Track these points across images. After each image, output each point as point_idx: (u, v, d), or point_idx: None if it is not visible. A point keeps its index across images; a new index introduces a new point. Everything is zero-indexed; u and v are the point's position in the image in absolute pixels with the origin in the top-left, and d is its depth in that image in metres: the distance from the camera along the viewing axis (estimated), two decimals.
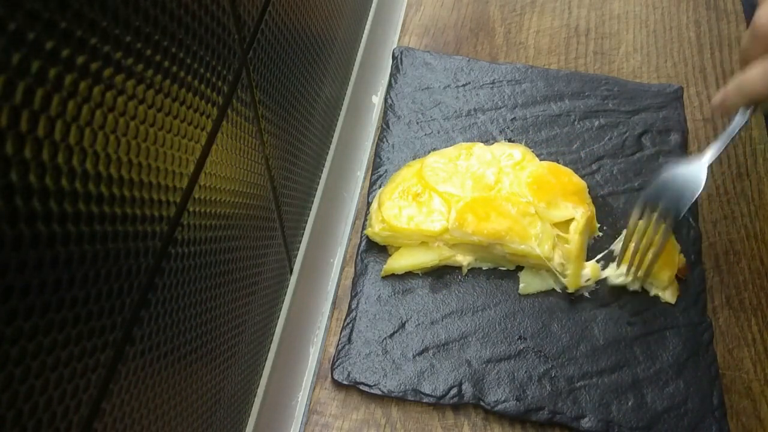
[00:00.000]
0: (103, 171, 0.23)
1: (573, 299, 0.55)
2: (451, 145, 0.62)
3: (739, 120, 0.49)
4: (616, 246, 0.57)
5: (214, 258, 0.36)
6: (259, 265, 0.45)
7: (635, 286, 0.55)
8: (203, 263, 0.34)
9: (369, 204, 0.60)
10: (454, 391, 0.51)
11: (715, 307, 0.56)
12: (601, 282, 0.56)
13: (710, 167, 0.50)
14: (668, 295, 0.55)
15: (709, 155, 0.51)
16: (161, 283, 0.29)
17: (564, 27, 0.76)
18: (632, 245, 0.54)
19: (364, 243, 0.59)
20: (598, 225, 0.58)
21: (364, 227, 0.59)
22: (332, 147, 0.62)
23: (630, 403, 0.51)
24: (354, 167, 0.68)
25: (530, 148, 0.62)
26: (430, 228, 0.55)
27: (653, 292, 0.55)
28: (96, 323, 0.24)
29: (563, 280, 0.54)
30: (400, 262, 0.56)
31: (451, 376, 0.52)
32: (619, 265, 0.55)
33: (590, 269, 0.55)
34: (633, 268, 0.54)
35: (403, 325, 0.54)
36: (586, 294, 0.56)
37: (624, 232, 0.57)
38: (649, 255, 0.53)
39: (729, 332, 0.55)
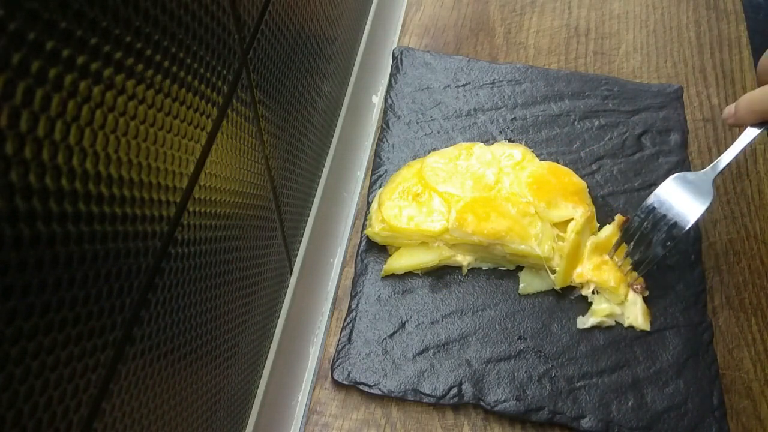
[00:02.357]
0: (103, 171, 0.23)
1: (573, 299, 0.55)
2: (451, 145, 0.62)
3: (746, 136, 0.49)
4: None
5: (214, 258, 0.36)
6: (259, 265, 0.45)
7: (614, 318, 0.54)
8: (203, 263, 0.34)
9: (369, 204, 0.60)
10: (454, 391, 0.51)
11: (715, 307, 0.56)
12: None
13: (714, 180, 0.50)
14: (641, 322, 0.53)
15: (716, 169, 0.50)
16: (161, 283, 0.29)
17: (564, 27, 0.76)
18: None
19: (364, 243, 0.59)
20: (598, 225, 0.58)
21: (364, 227, 0.59)
22: (332, 147, 0.61)
23: (630, 403, 0.50)
24: (354, 167, 0.68)
25: (530, 148, 0.62)
26: (430, 228, 0.55)
27: (627, 322, 0.54)
28: (96, 323, 0.24)
29: (552, 277, 0.54)
30: (400, 262, 0.56)
31: (451, 376, 0.52)
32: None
33: (575, 275, 0.55)
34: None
35: (403, 325, 0.54)
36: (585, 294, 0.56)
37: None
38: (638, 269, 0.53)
39: (729, 332, 0.55)
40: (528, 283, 0.56)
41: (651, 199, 0.52)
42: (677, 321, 0.54)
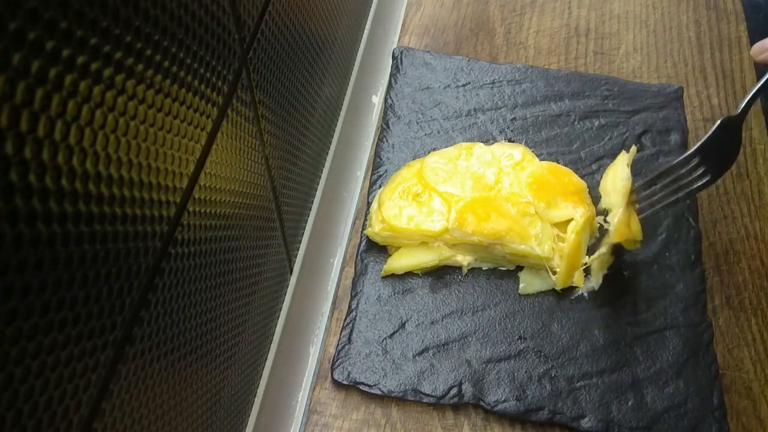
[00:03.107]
0: (103, 171, 0.23)
1: (573, 299, 0.55)
2: (451, 145, 0.62)
3: None
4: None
5: (214, 258, 0.36)
6: (259, 265, 0.45)
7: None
8: (203, 263, 0.34)
9: (369, 204, 0.60)
10: (454, 391, 0.51)
11: (715, 307, 0.56)
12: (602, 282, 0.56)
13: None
14: (636, 230, 0.53)
15: (745, 112, 0.51)
16: (161, 283, 0.29)
17: (564, 27, 0.76)
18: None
19: (364, 243, 0.59)
20: (598, 225, 0.58)
21: (364, 227, 0.59)
22: (332, 147, 0.61)
23: (630, 403, 0.51)
24: (354, 167, 0.68)
25: (530, 148, 0.62)
26: (430, 228, 0.55)
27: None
28: (96, 323, 0.24)
29: (552, 277, 0.54)
30: (400, 262, 0.56)
31: (451, 376, 0.52)
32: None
33: (576, 275, 0.54)
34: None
35: (403, 325, 0.54)
36: (585, 294, 0.56)
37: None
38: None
39: (729, 332, 0.55)
40: (528, 283, 0.56)
41: (697, 148, 0.53)
42: (677, 321, 0.54)
